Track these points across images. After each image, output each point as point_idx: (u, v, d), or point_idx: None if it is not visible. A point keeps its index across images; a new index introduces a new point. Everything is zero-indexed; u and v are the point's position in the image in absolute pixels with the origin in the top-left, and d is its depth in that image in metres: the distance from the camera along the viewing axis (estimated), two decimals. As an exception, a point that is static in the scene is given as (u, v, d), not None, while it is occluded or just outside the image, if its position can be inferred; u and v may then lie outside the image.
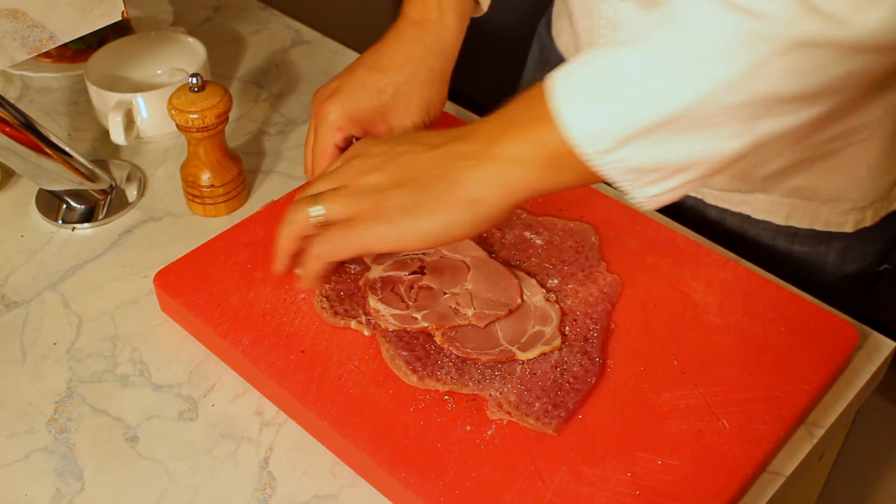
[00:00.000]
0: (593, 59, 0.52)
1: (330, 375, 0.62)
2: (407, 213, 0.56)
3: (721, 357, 0.63)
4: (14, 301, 0.73)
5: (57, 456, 0.62)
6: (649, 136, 0.50)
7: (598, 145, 0.51)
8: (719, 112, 0.49)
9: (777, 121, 0.50)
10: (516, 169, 0.55)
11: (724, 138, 0.50)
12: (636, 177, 0.53)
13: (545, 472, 0.57)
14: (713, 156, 0.51)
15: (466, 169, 0.56)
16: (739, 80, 0.48)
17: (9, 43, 0.68)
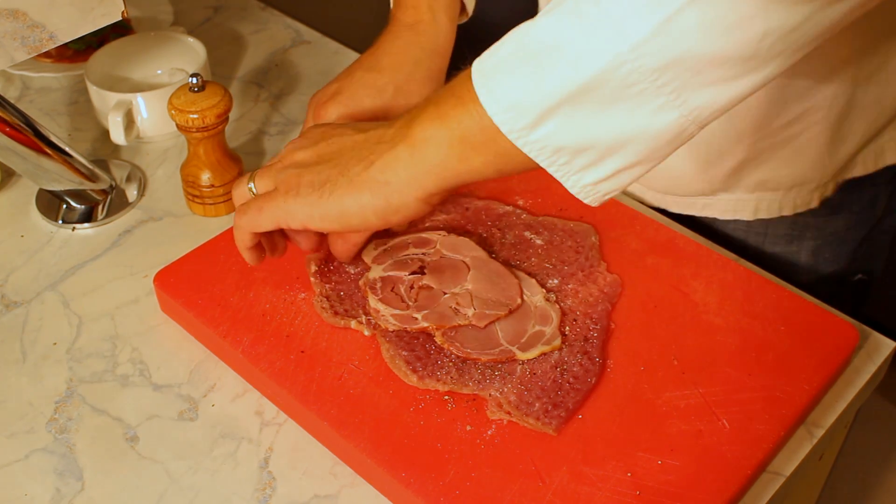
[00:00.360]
0: (511, 34, 0.51)
1: (330, 375, 0.63)
2: (320, 189, 0.57)
3: (721, 357, 0.63)
4: (14, 301, 0.73)
5: (57, 456, 0.62)
6: (571, 108, 0.48)
7: (518, 121, 0.49)
8: (640, 79, 0.46)
9: (709, 91, 0.47)
10: (427, 149, 0.53)
11: (653, 112, 0.47)
12: (565, 159, 0.50)
13: (545, 472, 0.57)
14: (644, 132, 0.48)
15: (381, 152, 0.56)
16: (654, 38, 0.45)
17: (9, 43, 0.68)
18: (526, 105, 0.49)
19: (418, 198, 0.55)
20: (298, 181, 0.58)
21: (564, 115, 0.48)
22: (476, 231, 0.73)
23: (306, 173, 0.58)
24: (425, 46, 0.73)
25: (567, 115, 0.48)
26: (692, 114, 0.48)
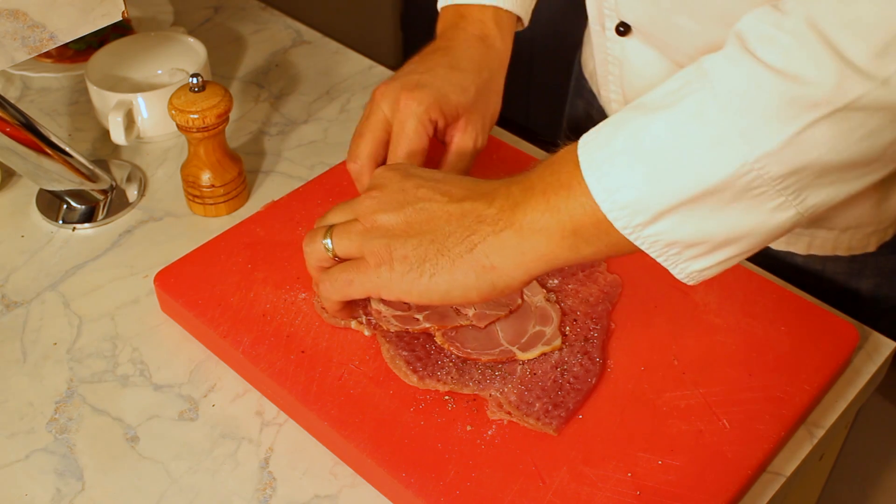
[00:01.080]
0: (622, 123, 0.50)
1: (330, 375, 0.63)
2: (416, 267, 0.55)
3: (721, 357, 0.63)
4: (14, 301, 0.73)
5: (57, 456, 0.62)
6: (689, 208, 0.48)
7: (634, 219, 0.49)
8: (762, 184, 0.46)
9: (828, 190, 0.47)
10: (537, 239, 0.52)
11: (770, 211, 0.48)
12: (676, 250, 0.50)
13: (545, 472, 0.57)
14: (758, 229, 0.49)
15: (485, 234, 0.53)
16: (784, 150, 0.45)
17: (9, 43, 0.68)
18: (642, 205, 0.48)
19: (523, 280, 0.54)
20: (391, 254, 0.55)
21: (681, 215, 0.48)
22: None
23: (398, 246, 0.55)
24: (495, 60, 0.74)
25: (683, 214, 0.48)
26: (808, 210, 0.48)
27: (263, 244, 0.72)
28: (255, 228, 0.74)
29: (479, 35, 0.74)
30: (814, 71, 0.44)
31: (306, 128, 0.91)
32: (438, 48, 0.73)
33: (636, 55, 0.78)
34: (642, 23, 0.75)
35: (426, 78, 0.69)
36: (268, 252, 0.72)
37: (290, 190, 0.79)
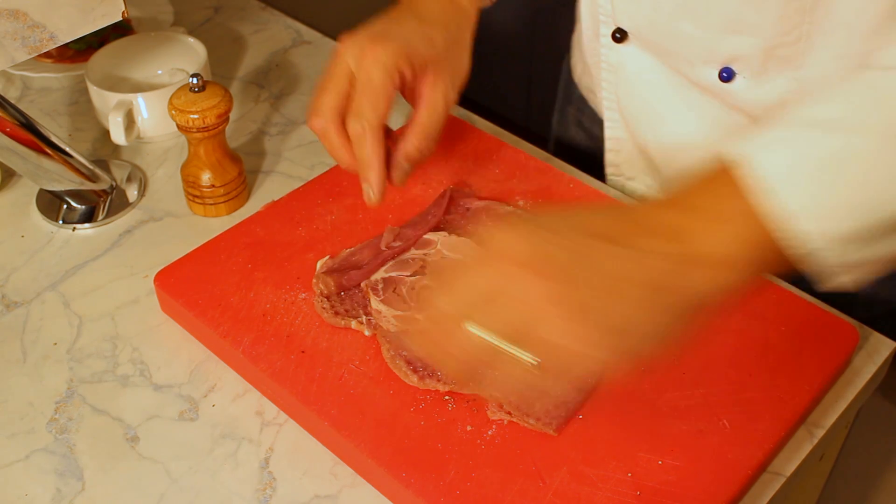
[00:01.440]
0: (803, 147, 0.45)
1: (330, 375, 0.63)
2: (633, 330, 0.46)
3: (721, 357, 0.63)
4: (14, 301, 0.73)
5: (57, 456, 0.62)
6: (882, 236, 0.46)
7: (808, 245, 0.45)
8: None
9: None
10: (728, 273, 0.46)
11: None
12: (843, 270, 0.47)
13: (545, 472, 0.57)
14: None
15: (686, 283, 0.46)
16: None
17: (9, 43, 0.68)
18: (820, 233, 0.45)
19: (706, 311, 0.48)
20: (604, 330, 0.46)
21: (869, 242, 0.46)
22: (476, 231, 0.73)
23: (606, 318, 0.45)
24: (462, 17, 0.71)
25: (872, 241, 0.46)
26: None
27: (263, 244, 0.72)
28: (255, 228, 0.74)
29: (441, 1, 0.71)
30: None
31: (306, 128, 0.91)
32: (404, 4, 0.70)
33: (633, 62, 0.78)
34: (641, 29, 0.75)
35: (393, 28, 0.66)
36: (268, 252, 0.72)
37: (290, 190, 0.79)
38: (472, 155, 0.81)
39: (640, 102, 0.80)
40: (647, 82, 0.78)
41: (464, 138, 0.83)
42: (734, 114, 0.74)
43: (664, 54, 0.75)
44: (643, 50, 0.76)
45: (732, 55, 0.70)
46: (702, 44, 0.71)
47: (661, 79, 0.77)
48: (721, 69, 0.72)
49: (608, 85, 0.82)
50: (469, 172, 0.80)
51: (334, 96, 0.65)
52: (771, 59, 0.69)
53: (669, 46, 0.73)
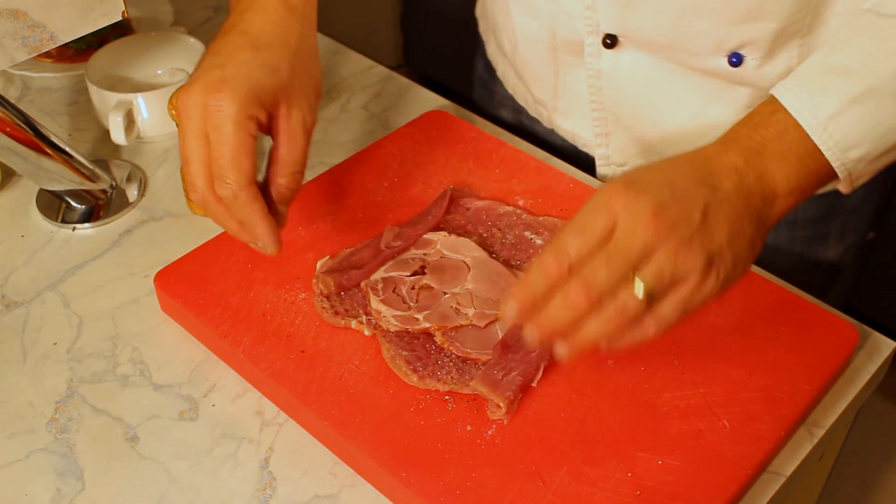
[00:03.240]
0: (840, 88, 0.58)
1: (330, 375, 0.63)
2: (735, 272, 0.55)
3: (721, 357, 0.63)
4: (14, 301, 0.73)
5: (57, 456, 0.62)
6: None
7: (855, 167, 0.59)
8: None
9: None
10: (793, 199, 0.58)
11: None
12: (868, 175, 0.61)
13: (545, 472, 0.57)
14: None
15: (759, 211, 0.57)
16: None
17: (9, 43, 0.68)
18: (867, 156, 0.59)
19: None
20: (717, 269, 0.53)
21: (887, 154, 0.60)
22: (476, 231, 0.73)
23: (720, 263, 0.53)
24: (299, 21, 0.65)
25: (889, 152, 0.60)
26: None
27: (263, 244, 0.72)
28: (255, 228, 0.74)
29: (275, 7, 0.65)
30: None
31: (306, 128, 0.91)
32: (234, 26, 0.64)
33: (626, 64, 0.76)
34: (640, 32, 0.73)
35: (229, 69, 0.60)
36: (268, 252, 0.72)
37: (290, 190, 0.79)
38: (472, 155, 0.81)
39: (635, 100, 0.78)
40: (643, 80, 0.77)
41: (464, 138, 0.83)
42: (739, 88, 0.74)
43: (664, 50, 0.74)
44: (639, 50, 0.75)
45: (743, 42, 0.70)
46: (713, 37, 0.70)
47: (659, 72, 0.75)
48: (730, 56, 0.71)
49: (595, 91, 0.80)
50: (469, 172, 0.80)
51: (199, 166, 0.60)
52: (781, 37, 0.69)
53: (672, 43, 0.72)
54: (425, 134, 0.84)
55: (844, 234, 0.85)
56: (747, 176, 0.56)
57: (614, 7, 0.72)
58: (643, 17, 0.72)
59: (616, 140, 0.83)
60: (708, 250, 0.53)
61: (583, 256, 0.52)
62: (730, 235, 0.54)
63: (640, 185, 0.53)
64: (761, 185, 0.56)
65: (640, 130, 0.81)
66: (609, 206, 0.52)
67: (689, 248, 0.52)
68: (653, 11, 0.71)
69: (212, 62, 0.61)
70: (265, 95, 0.60)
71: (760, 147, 0.57)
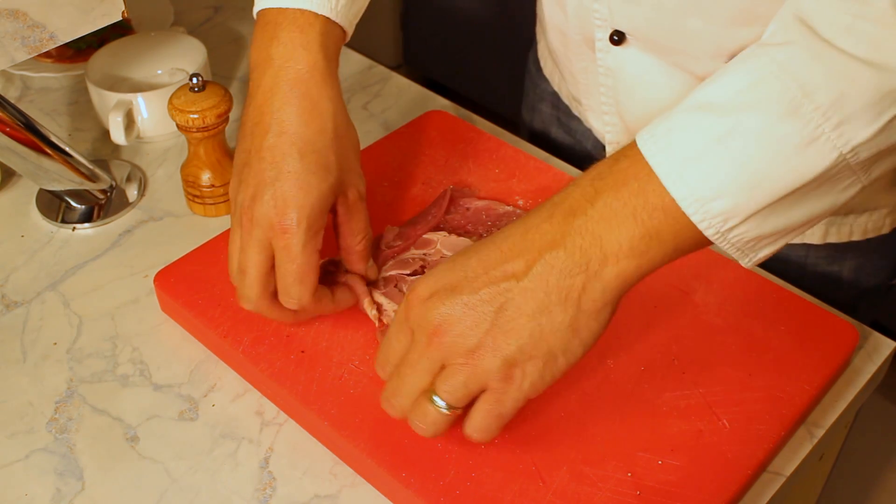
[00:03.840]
0: (695, 126, 0.48)
1: (330, 375, 0.63)
2: (548, 357, 0.51)
3: (721, 357, 0.63)
4: (14, 301, 0.73)
5: (57, 456, 0.62)
6: (777, 205, 0.48)
7: (725, 224, 0.48)
8: (847, 168, 0.47)
9: (892, 160, 0.49)
10: (631, 261, 0.50)
11: (842, 190, 0.49)
12: (754, 244, 0.50)
13: (545, 472, 0.57)
14: (829, 209, 0.50)
15: (581, 285, 0.50)
16: (876, 137, 0.46)
17: (9, 43, 0.68)
18: (736, 211, 0.48)
19: (619, 300, 0.52)
20: (516, 368, 0.51)
21: (767, 212, 0.48)
22: (476, 231, 0.73)
23: (516, 356, 0.51)
24: (329, 80, 0.63)
25: (771, 211, 0.48)
26: (871, 182, 0.50)
27: (263, 244, 0.72)
28: (255, 228, 0.74)
29: (299, 90, 0.62)
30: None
31: (306, 128, 0.91)
32: (268, 126, 0.62)
33: (633, 63, 0.76)
34: (641, 29, 0.73)
35: (287, 186, 0.60)
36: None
37: (290, 190, 0.79)
38: (472, 155, 0.81)
39: (642, 103, 0.78)
40: (650, 83, 0.77)
41: (464, 138, 0.83)
42: None
43: (667, 52, 0.73)
44: (644, 51, 0.75)
45: (742, 47, 0.68)
46: (709, 39, 0.70)
47: (664, 77, 0.75)
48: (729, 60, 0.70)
49: (606, 90, 0.80)
50: (469, 172, 0.80)
51: (257, 278, 0.61)
52: None
53: (674, 44, 0.72)
54: (425, 134, 0.84)
55: (860, 278, 0.82)
56: (562, 250, 0.50)
57: (617, 1, 0.73)
58: (644, 12, 0.72)
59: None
60: (503, 354, 0.50)
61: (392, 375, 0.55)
62: (532, 331, 0.50)
63: (436, 294, 0.52)
64: (583, 256, 0.49)
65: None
66: (406, 322, 0.54)
67: (478, 357, 0.51)
68: (652, 7, 0.71)
69: (263, 174, 0.61)
70: (326, 202, 0.61)
71: (588, 205, 0.50)
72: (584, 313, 0.51)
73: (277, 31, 0.63)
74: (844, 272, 0.82)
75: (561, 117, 0.94)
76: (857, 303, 0.84)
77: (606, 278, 0.50)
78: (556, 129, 0.96)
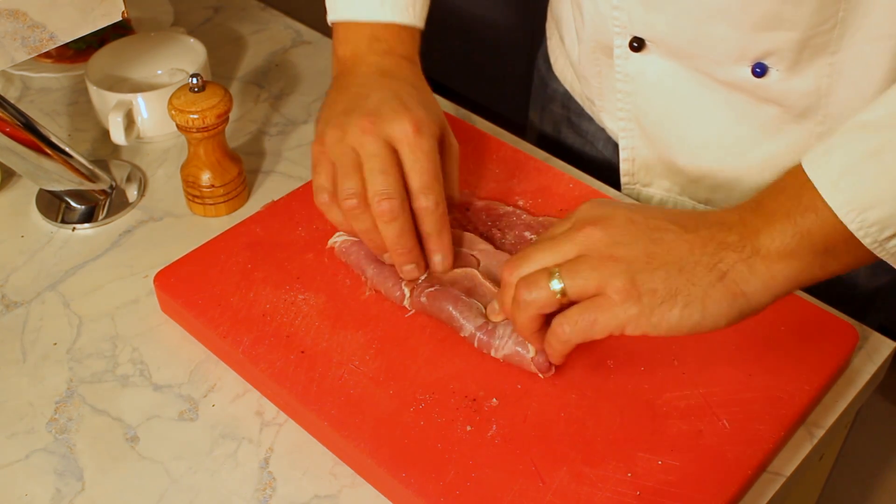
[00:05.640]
0: (854, 144, 0.51)
1: (330, 375, 0.63)
2: (667, 299, 0.52)
3: (721, 357, 0.63)
4: (14, 301, 0.73)
5: (57, 456, 0.62)
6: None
7: (882, 234, 0.51)
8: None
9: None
10: (787, 263, 0.52)
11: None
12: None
13: (545, 472, 0.57)
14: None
15: (732, 261, 0.52)
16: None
17: (9, 43, 0.68)
18: (891, 220, 0.50)
19: (767, 303, 0.53)
20: (637, 288, 0.52)
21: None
22: (476, 231, 0.73)
23: (645, 279, 0.52)
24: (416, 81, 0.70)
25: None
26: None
27: (263, 244, 0.72)
28: (255, 228, 0.74)
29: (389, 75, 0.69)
30: None
31: (306, 128, 0.91)
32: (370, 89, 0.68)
33: (653, 70, 0.75)
34: (662, 36, 0.72)
35: (407, 100, 0.66)
36: (268, 252, 0.72)
37: (290, 190, 0.79)
38: (472, 155, 0.81)
39: (661, 109, 0.77)
40: (670, 88, 0.76)
41: (464, 138, 0.83)
42: (766, 106, 0.72)
43: (688, 57, 0.72)
44: (664, 57, 0.74)
45: (766, 51, 0.68)
46: (734, 44, 0.69)
47: (685, 82, 0.75)
48: (754, 65, 0.70)
49: (624, 96, 0.79)
50: (469, 172, 0.80)
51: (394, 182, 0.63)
52: (806, 49, 0.67)
53: (696, 50, 0.71)
54: (425, 134, 0.84)
55: (877, 275, 0.82)
56: (727, 230, 0.53)
57: (638, 8, 0.72)
58: (666, 19, 0.71)
59: (641, 154, 0.82)
60: (633, 273, 0.52)
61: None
62: (669, 272, 0.52)
63: (612, 209, 0.55)
64: (741, 240, 0.53)
65: (664, 145, 0.80)
66: (571, 218, 0.57)
67: (612, 264, 0.53)
68: (675, 14, 0.70)
69: (382, 95, 0.66)
70: (443, 123, 0.68)
71: (754, 205, 0.54)
72: (722, 287, 0.52)
73: (359, 42, 0.71)
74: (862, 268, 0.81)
75: (572, 117, 0.94)
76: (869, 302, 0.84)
77: (756, 269, 0.52)
78: (567, 129, 0.95)
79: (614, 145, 0.87)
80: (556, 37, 0.91)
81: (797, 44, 0.67)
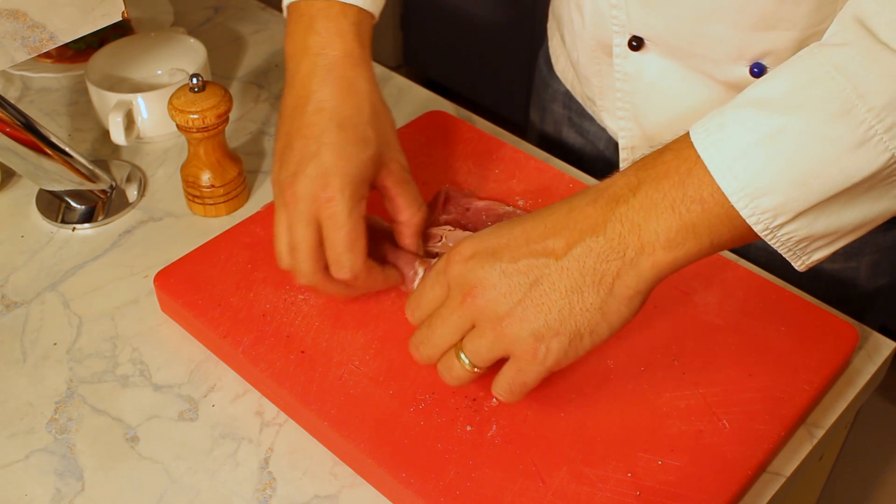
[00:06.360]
0: (748, 123, 0.49)
1: (330, 375, 0.63)
2: (571, 336, 0.52)
3: (721, 357, 0.63)
4: (14, 301, 0.73)
5: (57, 456, 0.62)
6: (827, 204, 0.48)
7: (774, 221, 0.49)
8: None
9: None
10: (670, 253, 0.51)
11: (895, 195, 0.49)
12: (805, 245, 0.51)
13: (545, 472, 0.57)
14: (881, 214, 0.50)
15: (617, 270, 0.51)
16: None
17: (9, 43, 0.68)
18: (785, 208, 0.48)
19: (657, 284, 0.52)
20: (543, 339, 0.52)
21: (818, 212, 0.49)
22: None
23: (544, 328, 0.52)
24: (363, 65, 0.66)
25: (821, 211, 0.49)
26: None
27: (263, 244, 0.72)
28: (255, 228, 0.74)
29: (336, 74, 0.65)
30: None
31: (306, 128, 0.91)
32: (306, 102, 0.64)
33: (651, 68, 0.75)
34: (661, 35, 0.73)
35: (327, 158, 0.62)
36: (268, 252, 0.72)
37: (290, 190, 0.79)
38: (472, 155, 0.81)
39: (660, 108, 0.77)
40: (668, 87, 0.76)
41: (464, 138, 0.83)
42: None
43: (686, 57, 0.72)
44: (662, 55, 0.74)
45: (764, 51, 0.68)
46: (731, 44, 0.69)
47: (684, 81, 0.75)
48: (752, 65, 0.70)
49: (623, 95, 0.79)
50: (469, 172, 0.80)
51: (309, 254, 0.63)
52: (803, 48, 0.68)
53: (694, 49, 0.71)
54: (425, 134, 0.84)
55: (877, 276, 0.82)
56: (602, 236, 0.51)
57: (636, 7, 0.72)
58: (664, 18, 0.71)
59: (640, 153, 0.82)
60: (530, 326, 0.52)
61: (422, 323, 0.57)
62: (561, 309, 0.52)
63: (477, 254, 0.54)
64: (621, 243, 0.51)
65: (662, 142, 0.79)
66: (444, 276, 0.56)
67: (506, 325, 0.53)
68: (672, 14, 0.70)
69: (304, 150, 0.63)
70: (367, 171, 0.63)
71: (630, 194, 0.51)
72: (615, 298, 0.52)
73: (312, 22, 0.66)
74: (862, 268, 0.82)
75: (573, 117, 0.94)
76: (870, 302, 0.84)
77: (641, 267, 0.51)
78: (568, 129, 0.95)
79: (615, 145, 0.87)
80: (558, 37, 0.91)
81: (795, 44, 0.67)
